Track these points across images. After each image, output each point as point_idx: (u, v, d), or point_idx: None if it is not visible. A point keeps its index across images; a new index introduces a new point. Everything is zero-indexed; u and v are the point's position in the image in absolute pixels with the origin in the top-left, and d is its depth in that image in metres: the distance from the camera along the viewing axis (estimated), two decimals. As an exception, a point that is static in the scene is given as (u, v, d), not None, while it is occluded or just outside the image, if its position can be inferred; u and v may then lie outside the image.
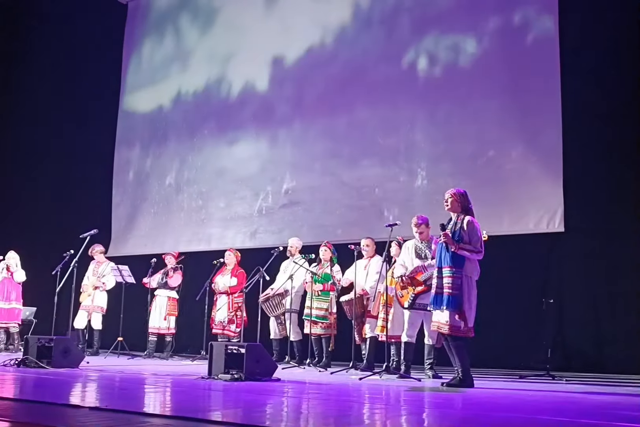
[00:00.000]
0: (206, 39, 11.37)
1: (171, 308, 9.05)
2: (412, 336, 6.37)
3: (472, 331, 5.41)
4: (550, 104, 7.81)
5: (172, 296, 9.11)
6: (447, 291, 5.39)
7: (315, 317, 7.66)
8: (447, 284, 5.41)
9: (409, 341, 6.35)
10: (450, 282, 5.40)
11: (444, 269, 5.48)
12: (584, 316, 7.31)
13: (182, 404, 4.14)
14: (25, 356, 6.50)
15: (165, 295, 9.08)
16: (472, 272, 5.48)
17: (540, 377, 6.37)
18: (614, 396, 5.00)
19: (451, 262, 5.43)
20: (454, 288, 5.37)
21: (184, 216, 10.94)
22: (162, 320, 8.96)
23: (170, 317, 9.02)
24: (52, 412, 3.47)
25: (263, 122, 10.33)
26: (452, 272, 5.42)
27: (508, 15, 8.38)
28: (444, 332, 5.41)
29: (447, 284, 5.41)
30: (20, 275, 9.76)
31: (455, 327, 5.36)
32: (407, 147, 8.87)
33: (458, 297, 5.35)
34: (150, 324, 9.01)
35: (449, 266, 5.44)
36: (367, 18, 9.59)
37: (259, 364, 5.51)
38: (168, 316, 9.00)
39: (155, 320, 8.97)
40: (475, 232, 5.48)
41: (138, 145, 11.81)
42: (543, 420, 3.52)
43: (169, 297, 9.08)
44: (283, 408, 3.98)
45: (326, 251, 7.87)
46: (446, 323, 5.39)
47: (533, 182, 7.82)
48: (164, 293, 9.08)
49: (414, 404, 4.35)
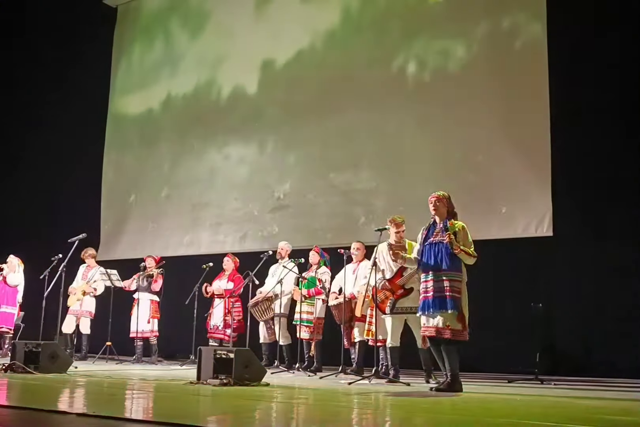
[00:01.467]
0: (196, 42, 11.36)
1: (154, 311, 9.02)
2: (397, 341, 6.34)
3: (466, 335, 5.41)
4: (539, 109, 7.85)
5: (155, 299, 9.07)
6: (449, 293, 5.35)
7: (302, 321, 7.69)
8: (448, 287, 5.36)
9: (393, 346, 6.33)
10: (452, 285, 5.37)
11: (441, 273, 5.42)
12: (573, 320, 7.34)
13: (170, 409, 4.13)
14: (12, 361, 6.45)
15: (147, 298, 9.03)
16: (463, 275, 5.48)
17: (529, 381, 6.38)
18: (601, 400, 5.01)
19: (451, 265, 5.41)
20: (455, 291, 5.36)
21: (174, 220, 10.91)
22: (145, 323, 8.91)
23: (153, 320, 9.00)
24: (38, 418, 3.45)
25: (253, 126, 10.33)
26: (452, 275, 5.40)
27: (497, 21, 8.43)
28: (446, 336, 5.35)
29: (448, 287, 5.36)
30: (12, 279, 9.68)
31: (456, 331, 5.34)
32: (396, 151, 8.89)
33: (460, 300, 5.35)
34: (132, 328, 8.94)
35: (449, 270, 5.40)
36: (356, 22, 9.62)
37: (248, 369, 5.49)
38: (152, 318, 8.97)
39: (137, 324, 8.88)
40: (469, 237, 5.49)
41: (127, 148, 11.78)
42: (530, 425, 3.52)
43: (151, 300, 9.04)
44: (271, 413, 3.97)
45: (314, 255, 7.87)
46: (447, 327, 5.34)
47: (522, 187, 7.85)
48: (147, 296, 9.01)
49: (403, 409, 4.35)
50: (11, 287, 9.73)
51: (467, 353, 6.13)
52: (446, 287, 5.38)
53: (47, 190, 12.10)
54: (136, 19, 12.33)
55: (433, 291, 5.44)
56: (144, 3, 12.28)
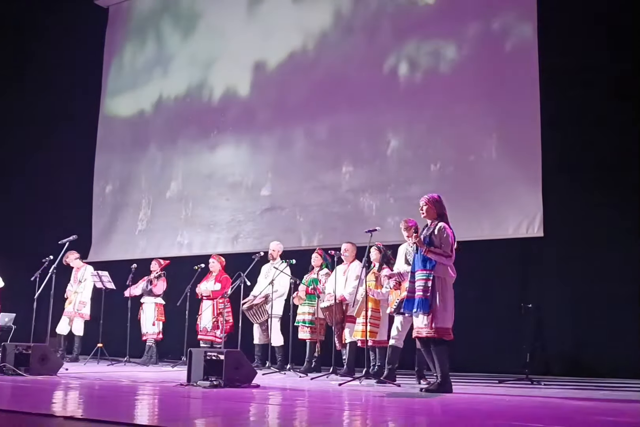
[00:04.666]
0: (188, 43, 11.35)
1: (159, 314, 9.08)
2: (400, 340, 6.32)
3: (451, 334, 5.41)
4: (529, 110, 7.88)
5: (159, 302, 9.17)
6: (419, 293, 5.40)
7: (302, 322, 7.75)
8: (419, 286, 5.43)
9: (396, 345, 6.32)
10: (422, 284, 5.41)
11: (416, 273, 5.50)
12: (563, 321, 7.37)
13: (159, 412, 4.12)
14: (2, 363, 6.43)
15: (152, 302, 9.13)
16: (445, 274, 5.46)
17: (519, 381, 6.40)
18: (590, 401, 5.03)
19: (422, 265, 5.46)
20: (424, 290, 5.39)
21: (165, 220, 10.89)
22: (151, 326, 9.02)
23: (158, 323, 9.07)
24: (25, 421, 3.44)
25: (245, 127, 10.33)
26: (423, 275, 5.44)
27: (488, 22, 8.45)
28: (430, 335, 5.37)
29: (419, 287, 5.43)
30: None
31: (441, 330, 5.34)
32: (387, 151, 8.90)
33: (428, 299, 5.36)
34: (143, 330, 9.11)
35: (421, 269, 5.46)
36: (348, 23, 9.63)
37: (238, 370, 5.49)
38: (157, 321, 9.04)
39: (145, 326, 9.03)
40: (446, 238, 5.48)
41: (119, 150, 11.74)
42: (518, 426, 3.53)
43: (155, 303, 9.13)
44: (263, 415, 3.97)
45: (317, 257, 7.89)
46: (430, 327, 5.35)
47: (512, 187, 7.88)
48: (150, 300, 9.13)
49: (393, 410, 4.36)
50: None
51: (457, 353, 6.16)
52: (417, 287, 5.44)
53: (38, 191, 12.04)
54: (127, 20, 12.29)
55: (408, 291, 5.52)
56: (135, 4, 12.25)
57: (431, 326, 5.36)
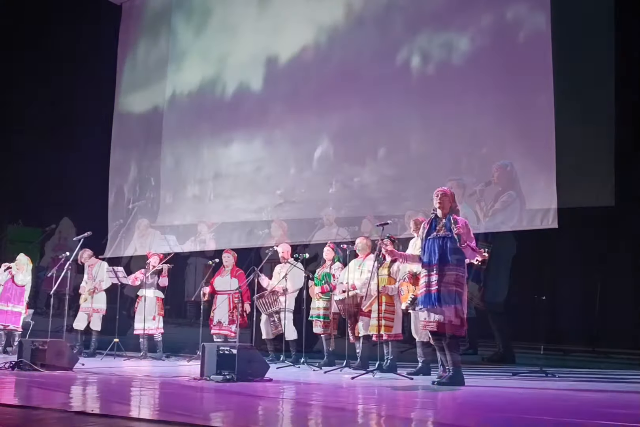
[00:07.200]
0: (200, 39, 11.37)
1: (160, 308, 9.07)
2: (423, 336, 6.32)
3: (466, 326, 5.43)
4: (543, 101, 7.79)
5: (160, 296, 9.10)
6: (455, 288, 5.35)
7: (316, 316, 7.76)
8: (454, 281, 5.36)
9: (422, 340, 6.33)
10: (457, 280, 5.37)
11: (446, 267, 5.41)
12: (577, 313, 7.31)
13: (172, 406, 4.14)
14: (19, 358, 6.50)
15: (153, 295, 9.03)
16: (465, 270, 5.48)
17: (533, 373, 6.36)
18: (603, 393, 5.00)
19: (456, 260, 5.40)
20: (459, 285, 5.36)
21: (179, 216, 10.95)
22: (151, 320, 8.93)
23: (159, 317, 9.03)
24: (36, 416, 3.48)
25: (258, 122, 10.32)
26: (457, 270, 5.40)
27: (500, 13, 8.35)
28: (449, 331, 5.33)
29: (454, 281, 5.36)
30: (19, 278, 9.73)
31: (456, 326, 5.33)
32: (400, 145, 8.87)
33: (463, 295, 5.36)
34: (137, 325, 8.94)
35: (455, 264, 5.40)
36: (360, 17, 9.57)
37: (251, 364, 5.51)
38: (157, 315, 9.00)
39: (142, 321, 8.91)
40: (471, 234, 5.49)
41: (133, 146, 11.81)
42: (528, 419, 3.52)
43: (157, 297, 9.06)
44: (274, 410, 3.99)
45: (329, 251, 7.88)
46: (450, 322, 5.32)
47: (526, 179, 7.81)
48: (153, 293, 9.03)
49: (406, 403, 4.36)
50: (19, 287, 9.77)
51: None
52: (452, 281, 5.37)
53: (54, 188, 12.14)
54: (140, 17, 12.33)
55: (438, 284, 5.41)
56: (148, 1, 12.29)
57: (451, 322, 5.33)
